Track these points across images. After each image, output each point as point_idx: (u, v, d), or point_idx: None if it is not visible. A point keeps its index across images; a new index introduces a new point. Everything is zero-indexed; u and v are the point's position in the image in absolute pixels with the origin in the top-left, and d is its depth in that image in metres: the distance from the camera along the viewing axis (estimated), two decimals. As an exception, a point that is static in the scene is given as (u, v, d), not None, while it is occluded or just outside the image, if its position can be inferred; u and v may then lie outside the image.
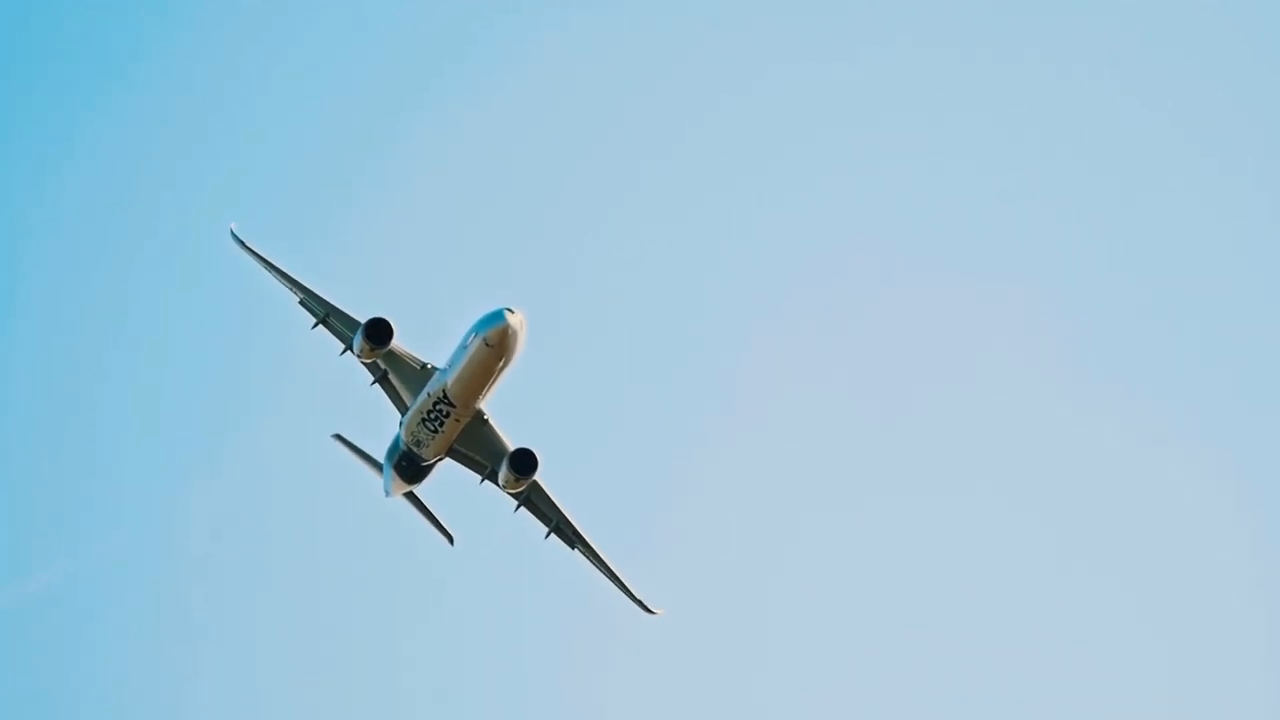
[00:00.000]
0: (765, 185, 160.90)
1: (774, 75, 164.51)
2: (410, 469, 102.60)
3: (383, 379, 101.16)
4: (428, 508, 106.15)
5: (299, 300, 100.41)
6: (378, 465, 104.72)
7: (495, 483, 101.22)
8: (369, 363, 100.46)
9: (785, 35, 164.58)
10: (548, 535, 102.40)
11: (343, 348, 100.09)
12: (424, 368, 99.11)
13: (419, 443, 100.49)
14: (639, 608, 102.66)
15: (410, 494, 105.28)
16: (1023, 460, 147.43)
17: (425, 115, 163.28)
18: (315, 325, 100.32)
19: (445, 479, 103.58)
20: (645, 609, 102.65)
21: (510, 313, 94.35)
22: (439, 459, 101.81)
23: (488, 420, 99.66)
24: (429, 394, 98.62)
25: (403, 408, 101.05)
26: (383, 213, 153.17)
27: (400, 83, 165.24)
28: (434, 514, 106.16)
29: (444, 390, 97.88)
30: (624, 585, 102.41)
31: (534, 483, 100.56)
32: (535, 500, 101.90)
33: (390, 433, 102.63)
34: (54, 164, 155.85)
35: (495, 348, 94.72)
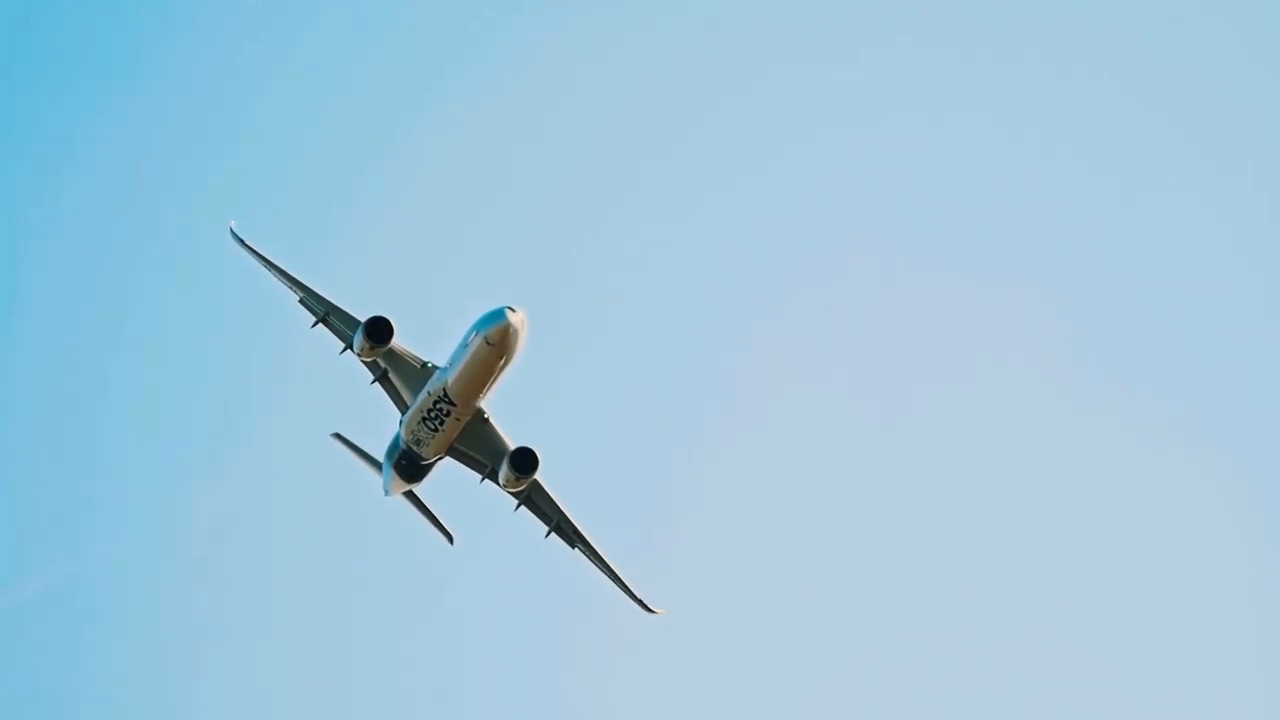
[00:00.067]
0: (765, 185, 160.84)
1: (774, 75, 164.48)
2: (410, 468, 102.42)
3: (383, 378, 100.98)
4: (427, 507, 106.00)
5: (299, 299, 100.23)
6: (377, 464, 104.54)
7: (496, 482, 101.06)
8: (369, 361, 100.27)
9: (785, 35, 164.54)
10: (548, 534, 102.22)
11: (343, 346, 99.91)
12: (424, 366, 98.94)
13: (419, 441, 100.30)
14: (640, 607, 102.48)
15: (410, 493, 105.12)
16: (1023, 460, 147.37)
17: (425, 115, 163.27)
18: (315, 324, 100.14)
19: (445, 478, 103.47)
20: (646, 609, 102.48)
21: (511, 311, 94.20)
22: (439, 458, 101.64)
23: (488, 419, 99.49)
24: (429, 393, 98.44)
25: (403, 406, 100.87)
26: (383, 212, 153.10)
27: (400, 83, 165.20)
28: (434, 513, 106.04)
29: (444, 389, 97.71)
30: (625, 585, 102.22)
31: (534, 482, 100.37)
32: (536, 499, 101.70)
33: (390, 432, 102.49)
34: (54, 164, 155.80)
35: (496, 346, 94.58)
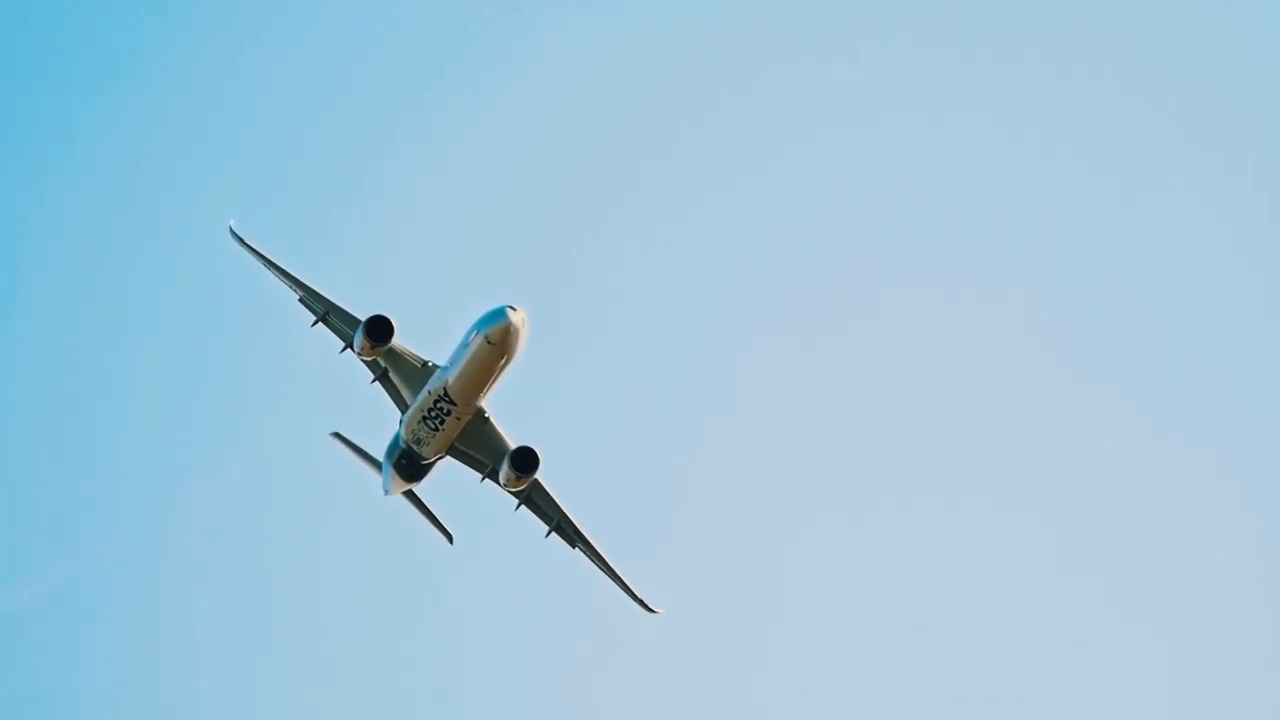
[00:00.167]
0: (765, 185, 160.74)
1: (774, 75, 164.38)
2: (410, 467, 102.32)
3: (383, 377, 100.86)
4: (427, 506, 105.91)
5: (299, 298, 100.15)
6: (377, 464, 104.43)
7: (496, 481, 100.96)
8: (369, 361, 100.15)
9: (785, 35, 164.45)
10: (548, 534, 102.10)
11: (343, 346, 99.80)
12: (425, 365, 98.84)
13: (419, 441, 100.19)
14: (640, 607, 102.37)
15: (410, 493, 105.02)
16: (1023, 460, 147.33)
17: (425, 115, 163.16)
18: (315, 323, 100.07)
19: (445, 478, 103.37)
20: (646, 608, 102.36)
21: (512, 310, 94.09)
22: (439, 457, 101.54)
23: (489, 418, 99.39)
24: (430, 392, 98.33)
25: (403, 406, 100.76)
26: (383, 212, 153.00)
27: (400, 83, 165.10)
28: (433, 513, 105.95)
29: (445, 388, 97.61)
30: (625, 585, 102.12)
31: (535, 481, 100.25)
32: (536, 499, 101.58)
33: (390, 431, 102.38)
34: (54, 164, 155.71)
35: (497, 345, 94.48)
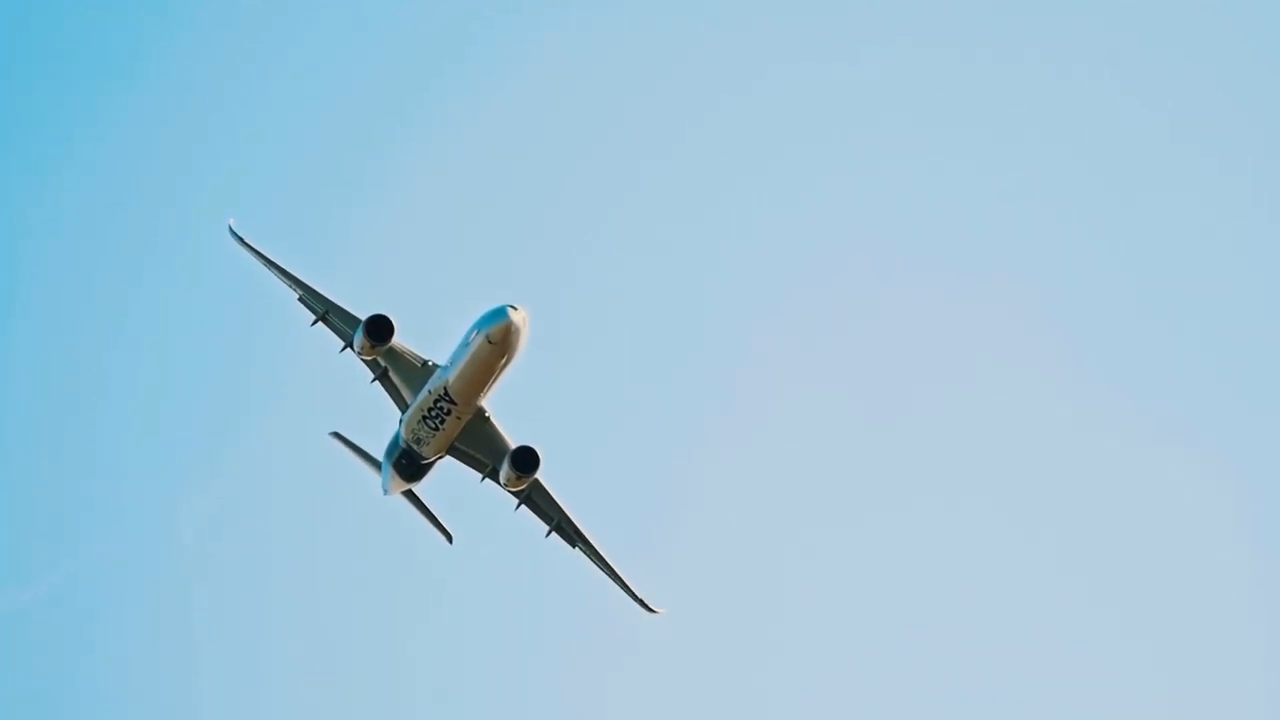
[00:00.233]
0: (765, 185, 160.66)
1: (774, 75, 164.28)
2: (410, 467, 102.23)
3: (383, 376, 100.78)
4: (426, 506, 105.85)
5: (298, 297, 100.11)
6: (376, 463, 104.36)
7: (496, 481, 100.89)
8: (369, 360, 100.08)
9: (785, 35, 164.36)
10: (548, 534, 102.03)
11: (342, 345, 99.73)
12: (425, 365, 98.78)
13: (419, 440, 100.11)
14: (640, 607, 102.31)
15: (409, 492, 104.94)
16: (1023, 460, 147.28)
17: (425, 115, 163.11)
18: (315, 322, 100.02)
19: (445, 478, 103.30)
20: (647, 608, 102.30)
21: (513, 309, 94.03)
22: (439, 457, 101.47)
23: (489, 418, 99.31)
24: (430, 391, 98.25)
25: (403, 405, 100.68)
26: (383, 212, 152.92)
27: (400, 83, 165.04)
28: (433, 512, 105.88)
29: (445, 387, 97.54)
30: (625, 584, 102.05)
31: (535, 481, 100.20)
32: (536, 499, 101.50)
33: (390, 431, 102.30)
34: (54, 164, 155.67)
35: (498, 345, 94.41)
